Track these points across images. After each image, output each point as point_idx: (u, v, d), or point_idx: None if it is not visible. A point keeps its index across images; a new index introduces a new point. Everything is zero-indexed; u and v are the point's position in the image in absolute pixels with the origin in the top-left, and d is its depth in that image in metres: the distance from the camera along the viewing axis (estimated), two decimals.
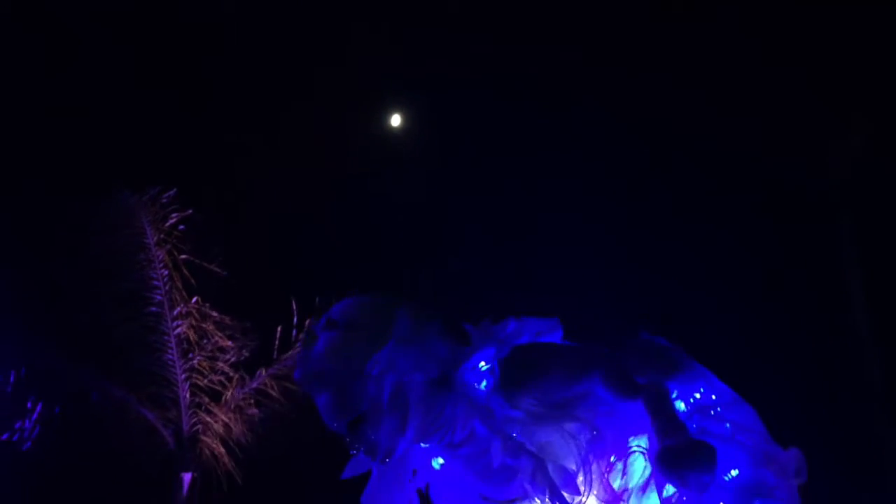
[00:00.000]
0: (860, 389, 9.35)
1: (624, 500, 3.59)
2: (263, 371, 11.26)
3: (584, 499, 3.49)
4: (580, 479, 3.51)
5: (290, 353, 11.25)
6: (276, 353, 11.23)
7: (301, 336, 11.23)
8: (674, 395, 3.53)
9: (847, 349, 9.44)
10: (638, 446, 3.64)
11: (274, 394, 11.18)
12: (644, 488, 3.61)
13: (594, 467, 3.54)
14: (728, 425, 3.57)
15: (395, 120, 12.05)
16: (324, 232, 11.54)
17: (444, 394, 3.51)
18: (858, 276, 9.45)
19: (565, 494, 3.37)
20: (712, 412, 3.62)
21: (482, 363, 3.62)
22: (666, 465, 3.20)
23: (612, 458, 3.66)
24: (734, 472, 3.29)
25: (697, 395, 3.66)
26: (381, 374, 3.44)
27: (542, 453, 3.45)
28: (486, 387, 3.60)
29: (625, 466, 3.71)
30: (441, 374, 3.52)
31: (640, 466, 3.67)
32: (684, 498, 3.37)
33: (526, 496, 3.43)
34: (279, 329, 11.23)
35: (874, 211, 9.35)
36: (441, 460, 3.70)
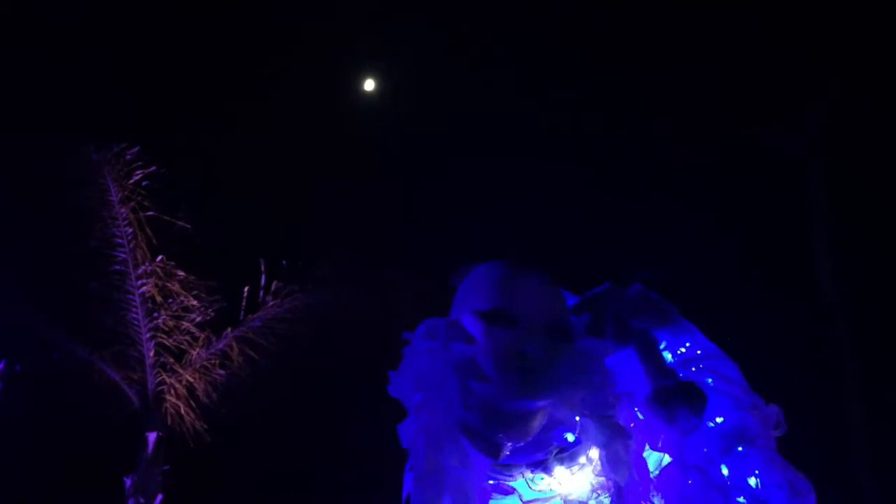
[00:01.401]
0: (828, 353, 9.62)
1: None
2: (230, 331, 11.20)
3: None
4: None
5: (257, 313, 11.22)
6: (242, 313, 11.17)
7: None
8: (662, 346, 3.61)
9: (817, 312, 9.70)
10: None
11: (240, 355, 11.14)
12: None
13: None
14: (710, 380, 3.67)
15: (369, 84, 11.96)
16: (292, 191, 11.42)
17: None
18: (829, 235, 9.69)
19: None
20: (695, 368, 3.72)
21: None
22: (658, 403, 3.25)
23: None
24: (719, 419, 3.41)
25: (683, 350, 3.76)
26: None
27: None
28: None
29: None
30: None
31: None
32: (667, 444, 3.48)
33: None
34: (246, 289, 11.17)
35: (848, 168, 9.58)
36: None
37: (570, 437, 3.46)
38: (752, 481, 3.37)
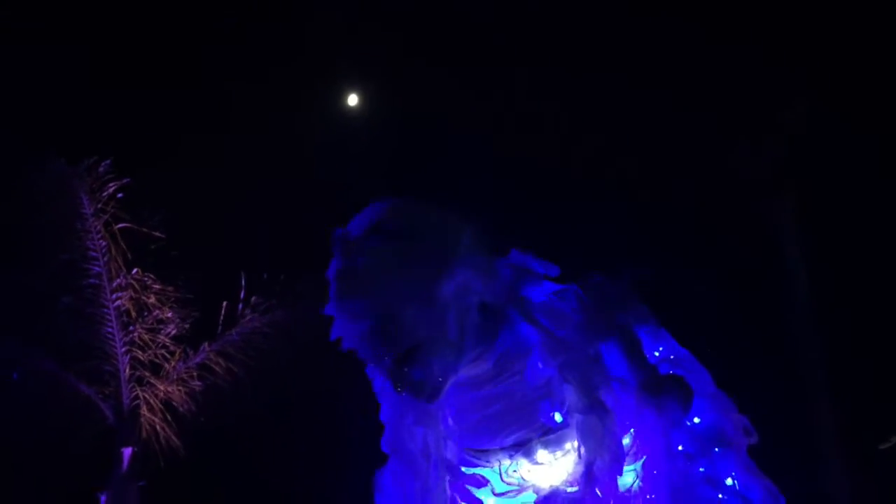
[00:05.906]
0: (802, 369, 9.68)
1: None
2: (207, 345, 11.09)
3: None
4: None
5: (235, 328, 11.11)
6: (220, 326, 11.07)
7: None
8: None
9: (791, 330, 9.77)
10: None
11: (218, 369, 11.02)
12: None
13: None
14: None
15: (352, 99, 11.90)
16: (269, 204, 11.35)
17: (503, 325, 3.27)
18: (801, 254, 9.80)
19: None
20: (672, 371, 3.76)
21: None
22: (649, 392, 3.24)
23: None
24: (696, 420, 3.44)
25: (657, 353, 3.82)
26: (447, 299, 3.06)
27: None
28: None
29: None
30: (502, 303, 3.30)
31: None
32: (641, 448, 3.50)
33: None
34: (224, 304, 11.07)
35: (816, 189, 9.71)
36: None
37: (559, 418, 3.40)
38: (729, 482, 3.41)
